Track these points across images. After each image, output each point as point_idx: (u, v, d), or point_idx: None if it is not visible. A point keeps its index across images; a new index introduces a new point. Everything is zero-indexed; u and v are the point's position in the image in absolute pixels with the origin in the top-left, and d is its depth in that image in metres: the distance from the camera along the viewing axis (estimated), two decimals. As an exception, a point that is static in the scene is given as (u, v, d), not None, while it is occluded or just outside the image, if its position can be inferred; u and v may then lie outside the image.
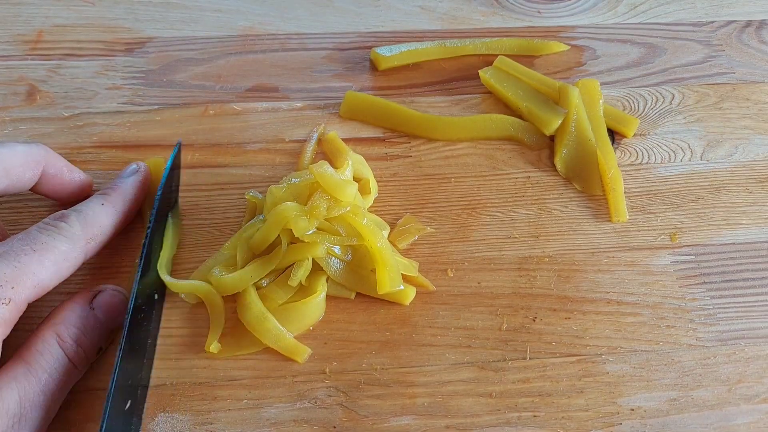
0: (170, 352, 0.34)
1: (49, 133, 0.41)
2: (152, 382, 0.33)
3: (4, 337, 0.28)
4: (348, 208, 0.34)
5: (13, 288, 0.28)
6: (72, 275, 0.31)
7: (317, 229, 0.34)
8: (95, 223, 0.32)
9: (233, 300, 0.35)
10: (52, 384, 0.29)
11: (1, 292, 0.28)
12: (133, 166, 0.37)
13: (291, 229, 0.34)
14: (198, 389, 0.33)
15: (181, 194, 0.39)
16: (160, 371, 0.33)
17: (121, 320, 0.33)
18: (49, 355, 0.29)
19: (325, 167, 0.35)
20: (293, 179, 0.36)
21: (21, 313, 0.29)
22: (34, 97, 0.43)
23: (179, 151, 0.39)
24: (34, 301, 0.29)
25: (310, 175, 0.35)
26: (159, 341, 0.34)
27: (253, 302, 0.34)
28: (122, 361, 0.30)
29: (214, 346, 0.33)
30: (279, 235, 0.34)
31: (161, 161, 0.39)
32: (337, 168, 0.37)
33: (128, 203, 0.35)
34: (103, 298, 0.33)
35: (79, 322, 0.31)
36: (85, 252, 0.32)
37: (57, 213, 0.32)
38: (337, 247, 0.35)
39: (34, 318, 0.32)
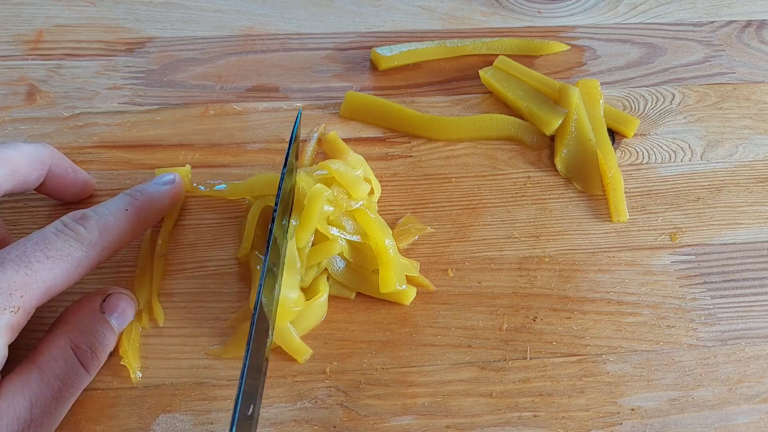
0: (170, 352, 0.34)
1: (49, 133, 0.41)
2: (152, 382, 0.33)
3: (11, 341, 0.28)
4: (362, 203, 0.35)
5: (22, 296, 0.27)
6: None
7: (328, 224, 0.35)
8: (115, 229, 0.31)
9: (233, 300, 0.35)
10: (65, 391, 0.29)
11: (10, 301, 0.27)
12: (170, 176, 0.36)
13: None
14: (198, 389, 0.33)
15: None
16: (160, 371, 0.33)
17: (128, 323, 0.33)
18: (63, 362, 0.29)
19: (338, 164, 0.35)
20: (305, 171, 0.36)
21: (29, 318, 0.29)
22: (35, 97, 0.43)
23: (299, 122, 0.36)
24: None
25: (322, 171, 0.35)
26: (159, 341, 0.34)
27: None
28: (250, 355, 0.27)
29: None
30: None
31: (186, 170, 0.38)
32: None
33: (154, 213, 0.34)
34: (112, 301, 0.32)
35: (93, 327, 0.31)
36: (100, 259, 0.30)
37: (77, 212, 0.31)
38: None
39: (34, 317, 0.32)
